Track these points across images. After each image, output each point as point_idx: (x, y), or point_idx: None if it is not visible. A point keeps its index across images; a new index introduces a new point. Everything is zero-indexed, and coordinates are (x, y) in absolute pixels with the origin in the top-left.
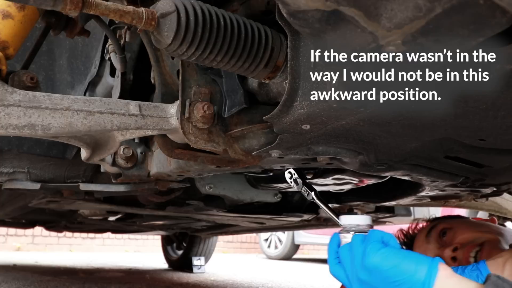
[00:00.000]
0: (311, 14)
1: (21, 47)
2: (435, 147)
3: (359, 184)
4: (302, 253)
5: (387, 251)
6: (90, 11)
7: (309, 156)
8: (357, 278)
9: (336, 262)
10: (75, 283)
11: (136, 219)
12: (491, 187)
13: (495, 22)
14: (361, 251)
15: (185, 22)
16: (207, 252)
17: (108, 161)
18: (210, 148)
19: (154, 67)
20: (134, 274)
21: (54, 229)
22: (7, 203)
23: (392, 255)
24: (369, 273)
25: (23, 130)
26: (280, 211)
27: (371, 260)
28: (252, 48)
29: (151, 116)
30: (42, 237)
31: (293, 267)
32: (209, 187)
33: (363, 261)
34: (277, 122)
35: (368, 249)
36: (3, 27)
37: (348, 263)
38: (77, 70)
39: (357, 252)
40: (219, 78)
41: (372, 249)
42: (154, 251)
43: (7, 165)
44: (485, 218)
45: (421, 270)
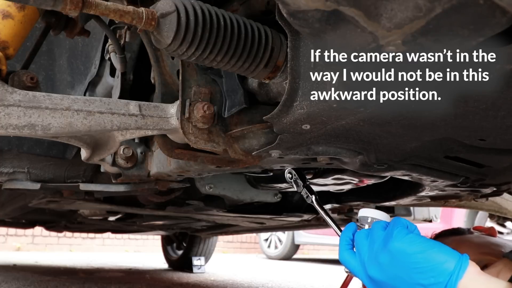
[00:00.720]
0: (311, 14)
1: (21, 47)
2: (435, 147)
3: (359, 184)
4: (302, 253)
5: (414, 237)
6: (90, 11)
7: (309, 156)
8: (375, 261)
9: (347, 248)
10: (75, 283)
11: (136, 219)
12: (491, 187)
13: (495, 22)
14: (383, 236)
15: (185, 22)
16: (207, 252)
17: (108, 161)
18: (210, 148)
19: (154, 67)
20: (134, 274)
21: (54, 229)
22: (7, 203)
23: (420, 241)
24: (391, 257)
25: (23, 130)
26: (280, 211)
27: (397, 244)
28: (252, 48)
29: (151, 116)
30: (42, 237)
31: (293, 267)
32: (209, 187)
33: (386, 244)
34: (277, 122)
35: (395, 232)
36: (3, 27)
37: (364, 248)
38: (77, 70)
39: (377, 236)
40: (219, 78)
41: (399, 233)
42: (154, 251)
43: (7, 165)
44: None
45: (451, 261)
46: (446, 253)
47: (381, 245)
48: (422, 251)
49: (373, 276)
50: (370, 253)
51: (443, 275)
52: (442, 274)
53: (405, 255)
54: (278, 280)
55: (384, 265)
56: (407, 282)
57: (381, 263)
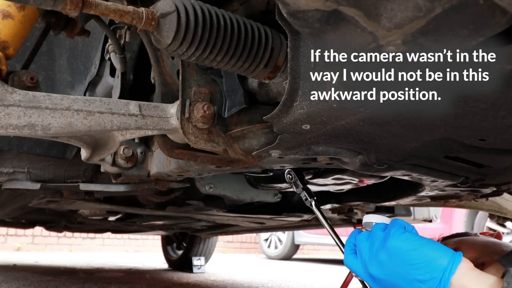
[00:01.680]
0: (311, 14)
1: (21, 47)
2: (435, 147)
3: (359, 184)
4: (302, 253)
5: (410, 235)
6: (90, 11)
7: (309, 156)
8: (375, 259)
9: (351, 252)
10: (75, 283)
11: (136, 219)
12: (491, 187)
13: (495, 22)
14: (382, 236)
15: (185, 22)
16: (207, 252)
17: (108, 161)
18: (210, 148)
19: (154, 67)
20: (134, 274)
21: (54, 229)
22: (7, 203)
23: (415, 239)
24: (389, 254)
25: (23, 130)
26: (280, 211)
27: (394, 242)
28: (252, 48)
29: (151, 116)
30: (42, 237)
31: (293, 267)
32: (209, 187)
33: (384, 243)
34: (277, 122)
35: (392, 231)
36: (3, 27)
37: (365, 249)
38: (77, 70)
39: (377, 236)
40: (219, 78)
41: (396, 232)
42: (154, 251)
43: (7, 165)
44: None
45: (444, 257)
46: (440, 250)
47: (380, 244)
48: (417, 248)
49: (374, 274)
50: (371, 253)
51: (437, 271)
52: (437, 269)
53: (402, 252)
54: (278, 280)
55: (383, 263)
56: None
57: (380, 261)
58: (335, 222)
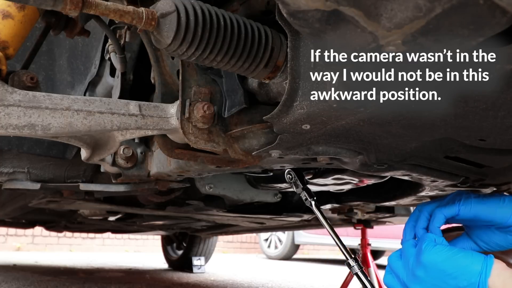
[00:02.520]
0: (311, 14)
1: (21, 47)
2: (435, 147)
3: (359, 184)
4: (302, 253)
5: (441, 247)
6: (90, 11)
7: (309, 156)
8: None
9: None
10: (75, 283)
11: (136, 219)
12: (491, 187)
13: (495, 22)
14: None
15: (185, 22)
16: (207, 252)
17: (108, 161)
18: (210, 148)
19: (154, 67)
20: (134, 274)
21: (54, 229)
22: (7, 203)
23: (446, 250)
24: (425, 269)
25: (23, 130)
26: (280, 211)
27: (428, 256)
28: (252, 48)
29: (151, 116)
30: (42, 237)
31: (293, 267)
32: (209, 187)
33: (418, 259)
34: (277, 122)
35: (424, 246)
36: (3, 27)
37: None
38: (77, 70)
39: (409, 254)
40: (219, 78)
41: (427, 246)
42: (154, 251)
43: (7, 165)
44: None
45: (477, 262)
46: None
47: (415, 261)
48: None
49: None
50: (407, 271)
51: (474, 276)
52: (473, 275)
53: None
54: (278, 280)
55: (422, 279)
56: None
57: (419, 278)
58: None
